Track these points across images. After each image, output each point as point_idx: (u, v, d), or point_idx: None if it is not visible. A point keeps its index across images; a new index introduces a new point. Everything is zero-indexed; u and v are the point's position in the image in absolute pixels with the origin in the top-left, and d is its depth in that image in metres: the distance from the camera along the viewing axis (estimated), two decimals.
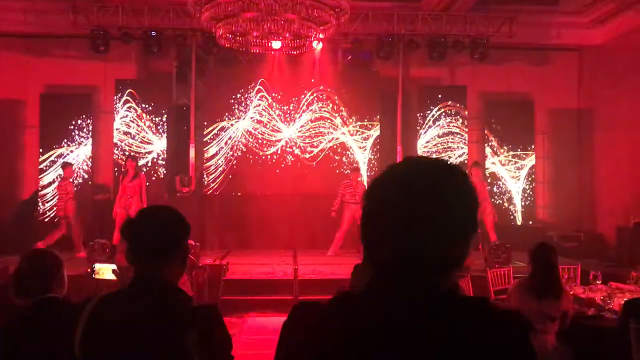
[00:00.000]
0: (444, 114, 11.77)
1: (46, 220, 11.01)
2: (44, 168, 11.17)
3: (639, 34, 10.40)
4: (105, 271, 5.39)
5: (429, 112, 11.77)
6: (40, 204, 11.13)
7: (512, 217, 11.87)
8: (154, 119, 11.35)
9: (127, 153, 11.01)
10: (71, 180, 10.40)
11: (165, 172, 11.33)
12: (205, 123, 11.65)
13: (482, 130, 12.11)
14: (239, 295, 8.01)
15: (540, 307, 3.91)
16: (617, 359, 3.62)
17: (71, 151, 11.28)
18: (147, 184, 10.38)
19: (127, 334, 1.87)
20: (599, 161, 11.88)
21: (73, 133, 11.34)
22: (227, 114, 11.63)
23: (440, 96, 11.85)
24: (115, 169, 11.15)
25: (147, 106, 11.34)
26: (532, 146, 12.04)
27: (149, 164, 11.26)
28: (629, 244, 9.59)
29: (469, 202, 1.16)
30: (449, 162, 1.20)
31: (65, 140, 11.29)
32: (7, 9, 10.59)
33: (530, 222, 11.88)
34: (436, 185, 1.12)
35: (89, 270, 5.80)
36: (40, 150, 11.22)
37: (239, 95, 11.67)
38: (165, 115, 11.42)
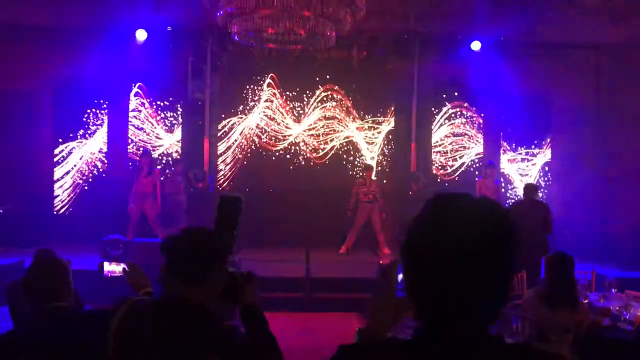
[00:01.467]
0: (458, 111, 11.69)
1: (60, 213, 11.12)
2: (58, 161, 11.28)
3: None
4: (114, 270, 5.39)
5: (443, 109, 11.69)
6: (55, 197, 11.23)
7: None
8: (168, 114, 11.40)
9: (141, 148, 11.07)
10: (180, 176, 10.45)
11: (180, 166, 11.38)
12: (223, 116, 11.70)
13: (498, 128, 12.00)
14: None
15: (555, 318, 3.87)
16: None
17: (85, 145, 11.37)
18: (162, 178, 10.44)
19: (150, 351, 1.91)
20: (616, 159, 11.72)
21: (87, 127, 11.42)
22: (239, 110, 11.66)
23: (456, 94, 11.76)
24: (130, 163, 11.21)
25: (161, 102, 11.39)
26: (548, 144, 11.92)
27: (163, 160, 11.31)
28: None
29: (515, 247, 1.14)
30: (494, 206, 1.16)
31: (79, 134, 11.37)
32: (20, 2, 10.59)
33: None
34: (485, 237, 1.10)
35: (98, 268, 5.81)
36: (60, 140, 11.30)
37: (251, 91, 11.69)
38: (180, 111, 11.46)
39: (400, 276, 1.44)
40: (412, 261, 1.15)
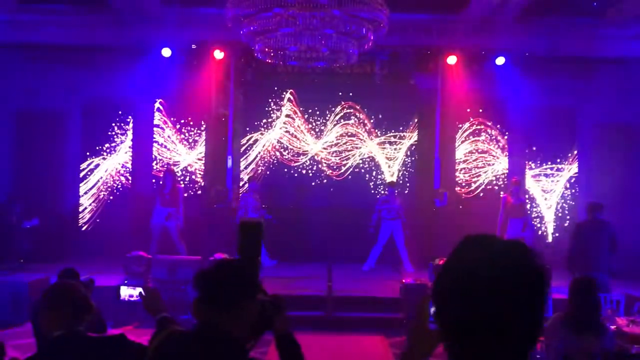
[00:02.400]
0: (483, 127, 11.58)
1: (86, 229, 11.27)
2: (84, 176, 11.47)
3: None
4: (132, 292, 5.38)
5: (468, 125, 11.60)
6: (81, 214, 11.39)
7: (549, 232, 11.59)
8: (192, 130, 11.50)
9: (165, 164, 11.18)
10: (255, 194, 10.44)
11: (203, 182, 11.46)
12: (247, 130, 11.78)
13: (523, 144, 11.85)
14: None
15: (580, 344, 3.77)
16: None
17: (111, 162, 11.53)
18: (185, 195, 10.51)
19: None
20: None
21: (113, 144, 11.59)
22: (261, 125, 11.74)
23: (480, 109, 11.66)
24: (154, 180, 11.33)
25: (186, 118, 11.51)
26: (575, 160, 11.74)
27: (187, 176, 11.40)
28: None
29: (541, 287, 1.17)
30: (520, 247, 1.20)
31: (105, 151, 11.55)
32: (51, 22, 10.84)
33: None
34: (511, 279, 1.14)
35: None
36: (87, 154, 11.52)
37: (272, 108, 11.75)
38: (204, 127, 11.56)
39: (432, 309, 1.50)
40: (441, 301, 1.21)
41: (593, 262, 6.97)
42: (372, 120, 11.78)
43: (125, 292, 4.47)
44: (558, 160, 11.78)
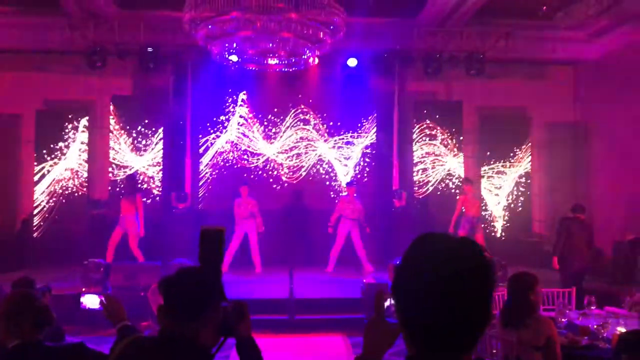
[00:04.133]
0: (439, 128, 11.79)
1: (39, 235, 11.04)
2: (38, 181, 11.22)
3: (634, 49, 10.44)
4: (92, 301, 5.29)
5: (424, 126, 11.79)
6: (35, 220, 11.13)
7: (499, 231, 11.93)
8: (149, 134, 11.36)
9: (122, 169, 11.02)
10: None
11: (160, 187, 11.33)
12: (201, 135, 11.68)
13: (478, 145, 12.13)
14: None
15: (521, 337, 3.89)
16: None
17: (65, 167, 11.30)
18: (145, 199, 10.39)
19: None
20: (594, 175, 11.90)
21: (68, 148, 11.36)
22: (219, 130, 11.65)
23: (435, 112, 11.87)
24: (109, 187, 11.17)
25: (143, 121, 11.36)
26: (528, 160, 12.08)
27: (145, 180, 11.26)
28: (624, 260, 9.59)
29: (490, 280, 1.26)
30: (470, 244, 1.29)
31: (59, 155, 11.31)
32: (3, 26, 10.59)
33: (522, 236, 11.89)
34: (462, 273, 1.23)
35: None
36: (35, 163, 11.25)
37: (227, 110, 11.70)
38: (162, 131, 11.43)
39: (387, 303, 1.65)
40: (400, 296, 1.28)
41: (578, 256, 7.80)
42: (330, 123, 11.83)
43: (85, 300, 4.38)
44: (510, 159, 12.09)
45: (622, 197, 10.78)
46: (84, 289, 7.83)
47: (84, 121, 11.49)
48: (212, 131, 11.67)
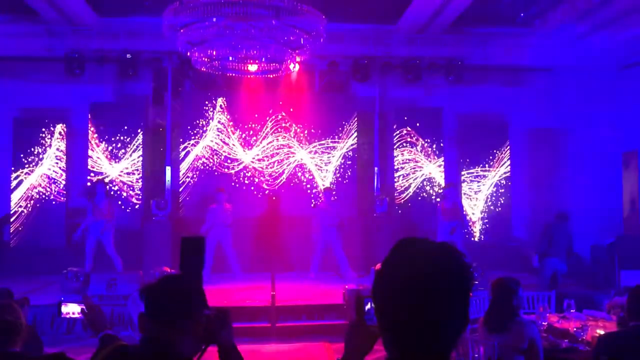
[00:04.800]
0: (420, 135, 11.85)
1: (15, 244, 10.87)
2: (15, 188, 11.05)
3: (611, 54, 10.61)
4: (73, 310, 5.19)
5: (405, 133, 11.83)
6: (11, 227, 10.96)
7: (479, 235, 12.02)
8: (128, 141, 11.25)
9: (100, 176, 10.91)
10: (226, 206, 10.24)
11: (140, 194, 11.22)
12: (181, 141, 11.54)
13: (458, 150, 12.21)
14: None
15: (503, 341, 3.92)
16: None
17: (43, 174, 11.15)
18: (123, 205, 10.27)
19: None
20: (573, 180, 12.03)
21: (44, 155, 11.21)
22: (198, 136, 11.53)
23: (416, 117, 11.92)
24: (87, 192, 11.03)
25: (121, 128, 11.25)
26: (504, 164, 12.18)
27: (123, 187, 11.15)
28: (603, 265, 9.71)
29: (467, 284, 1.29)
30: (448, 249, 1.32)
31: (35, 162, 11.16)
32: None
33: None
34: (439, 277, 1.26)
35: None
36: (12, 169, 11.09)
37: (210, 118, 11.58)
38: (141, 138, 11.32)
39: (367, 306, 1.67)
40: (379, 300, 1.31)
41: (560, 257, 8.56)
42: (311, 130, 11.79)
43: (66, 309, 4.28)
44: (489, 164, 12.18)
45: (601, 202, 10.93)
46: (62, 298, 7.71)
47: (61, 129, 11.33)
48: (192, 138, 11.57)
